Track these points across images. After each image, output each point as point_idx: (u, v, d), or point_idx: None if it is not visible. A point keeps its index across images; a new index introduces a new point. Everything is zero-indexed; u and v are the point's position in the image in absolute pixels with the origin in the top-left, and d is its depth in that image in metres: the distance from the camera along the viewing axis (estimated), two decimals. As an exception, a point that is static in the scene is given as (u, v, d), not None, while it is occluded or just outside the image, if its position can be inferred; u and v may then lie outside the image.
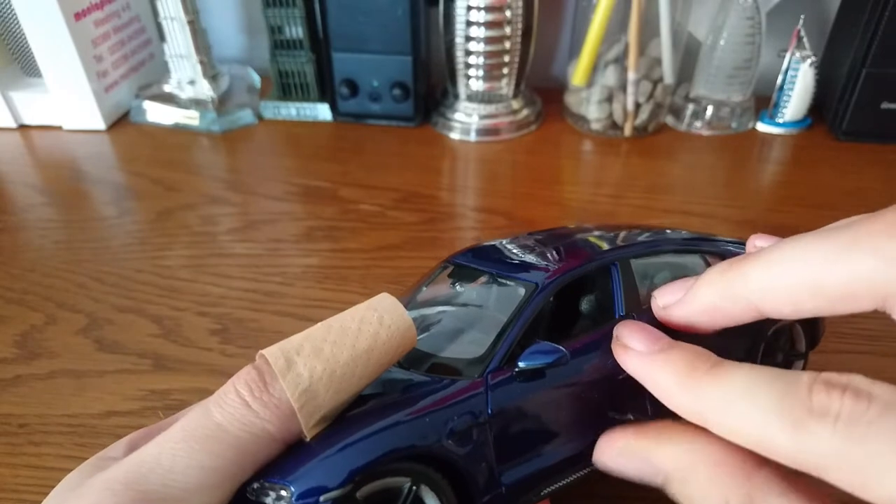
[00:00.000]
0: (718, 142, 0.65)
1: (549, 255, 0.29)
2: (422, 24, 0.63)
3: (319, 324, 0.22)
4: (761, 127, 0.67)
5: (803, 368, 0.33)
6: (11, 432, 0.34)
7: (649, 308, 0.26)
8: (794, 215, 0.52)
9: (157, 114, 0.68)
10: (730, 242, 0.33)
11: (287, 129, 0.68)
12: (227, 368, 0.38)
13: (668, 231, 0.34)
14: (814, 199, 0.55)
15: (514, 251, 0.30)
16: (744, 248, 0.30)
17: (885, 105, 0.61)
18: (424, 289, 0.31)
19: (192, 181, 0.59)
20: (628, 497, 0.31)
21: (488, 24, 0.61)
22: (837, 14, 0.66)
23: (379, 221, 0.52)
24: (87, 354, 0.39)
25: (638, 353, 0.22)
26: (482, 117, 0.66)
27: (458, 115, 0.67)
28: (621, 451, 0.22)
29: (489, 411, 0.23)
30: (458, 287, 0.30)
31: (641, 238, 0.31)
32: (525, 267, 0.28)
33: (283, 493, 0.20)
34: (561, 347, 0.23)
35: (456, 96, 0.67)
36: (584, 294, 0.29)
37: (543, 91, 0.73)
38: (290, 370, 0.20)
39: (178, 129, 0.68)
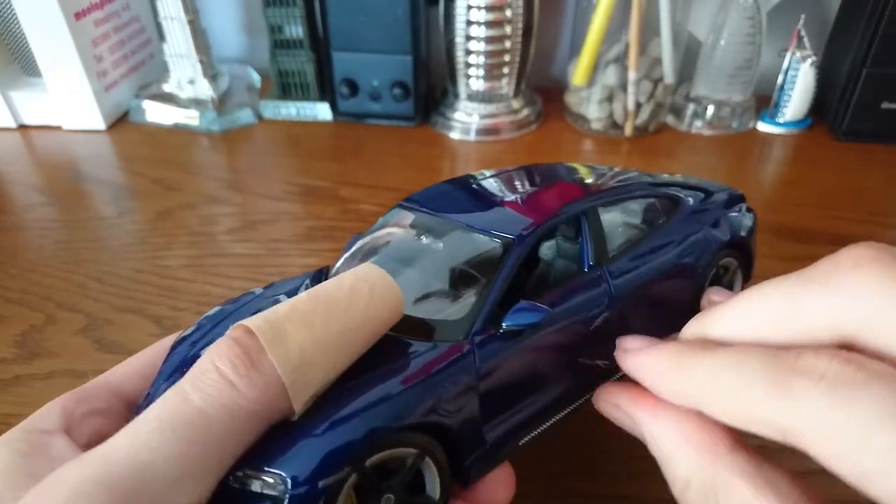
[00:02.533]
0: (719, 141, 0.65)
1: (518, 202, 0.28)
2: (422, 24, 0.63)
3: (304, 294, 0.20)
4: (762, 127, 0.66)
5: None
6: (11, 432, 0.34)
7: (615, 257, 0.27)
8: (795, 215, 0.52)
9: (156, 113, 0.68)
10: (688, 186, 0.34)
11: (287, 129, 0.68)
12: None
13: (635, 174, 0.34)
14: (814, 198, 0.55)
15: (481, 196, 0.29)
16: (700, 192, 0.33)
17: (885, 105, 0.61)
18: (384, 239, 0.29)
19: (192, 181, 0.59)
20: (627, 497, 0.31)
21: (489, 24, 0.61)
22: (837, 14, 0.66)
23: (379, 221, 0.52)
24: (86, 354, 0.39)
25: (634, 351, 0.22)
26: (482, 117, 0.66)
27: (458, 115, 0.66)
28: (614, 404, 0.23)
29: (476, 374, 0.22)
30: (424, 238, 0.28)
31: (609, 183, 0.31)
32: (497, 218, 0.27)
33: (270, 479, 0.18)
34: (545, 307, 0.23)
35: (456, 96, 0.67)
36: (544, 239, 0.29)
37: (544, 91, 0.73)
38: (278, 344, 0.18)
39: (178, 129, 0.68)
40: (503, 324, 0.23)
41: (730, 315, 0.20)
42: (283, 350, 0.18)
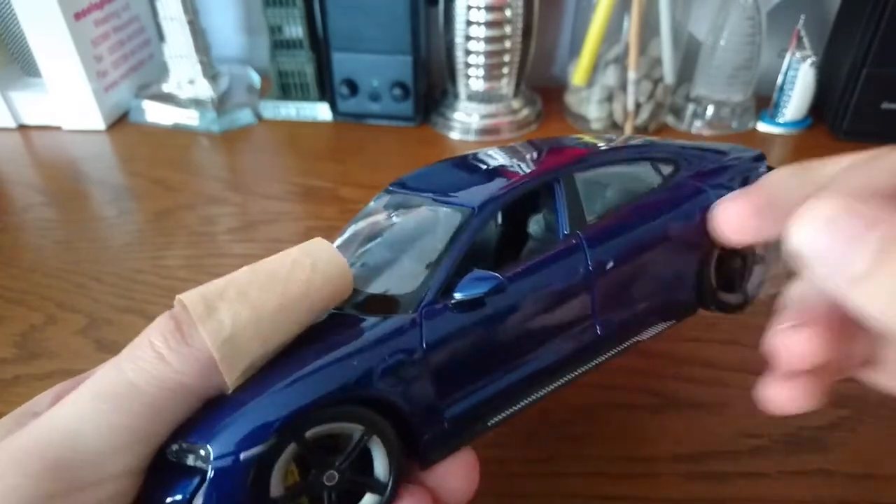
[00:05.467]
0: (719, 141, 0.65)
1: (491, 173, 0.27)
2: (422, 24, 0.63)
3: (244, 268, 0.20)
4: (762, 127, 0.66)
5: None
6: (11, 432, 0.34)
7: (595, 223, 0.26)
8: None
9: (156, 114, 0.68)
10: (696, 148, 0.31)
11: (287, 129, 0.68)
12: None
13: (641, 140, 0.32)
14: (814, 198, 0.55)
15: (460, 171, 0.28)
16: (712, 155, 0.31)
17: (885, 105, 0.61)
18: (360, 221, 0.29)
19: (192, 181, 0.59)
20: (628, 497, 0.31)
21: (488, 24, 0.61)
22: (837, 14, 0.66)
23: (379, 221, 0.52)
24: (86, 354, 0.39)
25: (742, 194, 0.20)
26: (482, 117, 0.66)
27: (458, 115, 0.66)
28: (827, 225, 0.16)
29: (423, 346, 0.21)
30: (394, 216, 0.28)
31: (601, 149, 0.30)
32: (463, 190, 0.26)
33: (202, 452, 0.18)
34: (497, 274, 0.22)
35: (456, 96, 0.67)
36: (532, 213, 0.28)
37: (544, 91, 0.73)
38: (210, 317, 0.18)
39: (178, 129, 0.68)
40: (454, 294, 0.22)
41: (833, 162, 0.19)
42: (214, 322, 0.18)
